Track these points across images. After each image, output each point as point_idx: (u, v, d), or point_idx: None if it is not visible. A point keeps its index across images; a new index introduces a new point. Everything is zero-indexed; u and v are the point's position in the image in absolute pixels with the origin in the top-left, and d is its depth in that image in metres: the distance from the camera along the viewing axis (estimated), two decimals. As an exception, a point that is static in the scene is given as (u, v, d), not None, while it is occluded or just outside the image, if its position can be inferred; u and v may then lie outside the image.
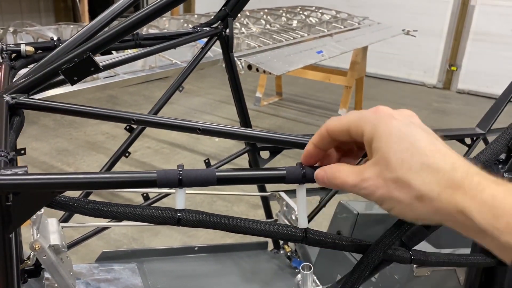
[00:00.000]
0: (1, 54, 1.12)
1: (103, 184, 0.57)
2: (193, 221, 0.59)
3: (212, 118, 6.00)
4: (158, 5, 0.86)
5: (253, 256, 1.83)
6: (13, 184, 0.55)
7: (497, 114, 2.37)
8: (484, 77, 7.48)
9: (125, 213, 0.59)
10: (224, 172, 0.59)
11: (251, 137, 0.77)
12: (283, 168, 0.61)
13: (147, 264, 1.58)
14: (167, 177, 0.58)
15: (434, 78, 7.95)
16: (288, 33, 4.71)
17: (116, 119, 0.80)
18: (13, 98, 0.84)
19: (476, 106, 7.24)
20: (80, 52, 0.83)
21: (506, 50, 7.14)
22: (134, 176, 0.57)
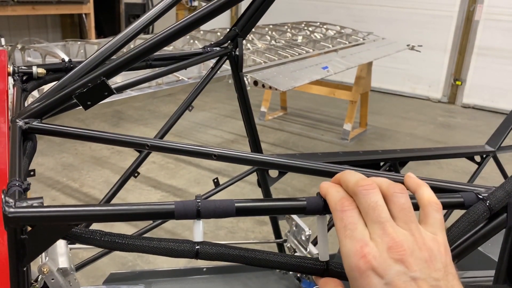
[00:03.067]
0: (13, 76, 1.12)
1: (121, 216, 0.56)
2: (212, 254, 0.58)
3: (217, 132, 6.00)
4: (173, 29, 0.86)
5: (262, 277, 1.80)
6: (29, 217, 0.54)
7: (507, 131, 2.36)
8: (489, 92, 7.47)
9: (142, 246, 0.57)
10: (243, 203, 0.58)
11: (267, 163, 0.76)
12: (303, 199, 0.60)
13: (155, 286, 1.56)
14: (185, 209, 0.56)
15: (439, 92, 7.95)
16: (293, 49, 4.72)
17: (131, 144, 0.79)
18: (26, 123, 0.83)
19: (481, 120, 7.21)
20: (94, 77, 0.83)
21: (510, 65, 7.14)
22: (152, 208, 0.56)
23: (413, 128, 6.63)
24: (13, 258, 0.55)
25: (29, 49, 3.34)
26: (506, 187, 0.62)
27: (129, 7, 7.21)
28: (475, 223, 0.61)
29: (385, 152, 1.97)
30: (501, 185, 0.63)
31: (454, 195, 0.63)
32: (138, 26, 0.94)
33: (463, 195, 0.63)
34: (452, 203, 0.62)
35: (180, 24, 0.87)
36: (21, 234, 0.55)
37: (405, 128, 6.60)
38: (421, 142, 6.05)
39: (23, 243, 0.55)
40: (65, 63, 1.20)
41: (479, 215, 0.61)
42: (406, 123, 6.82)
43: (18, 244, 0.55)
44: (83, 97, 0.83)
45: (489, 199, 0.62)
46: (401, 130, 6.48)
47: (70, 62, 1.21)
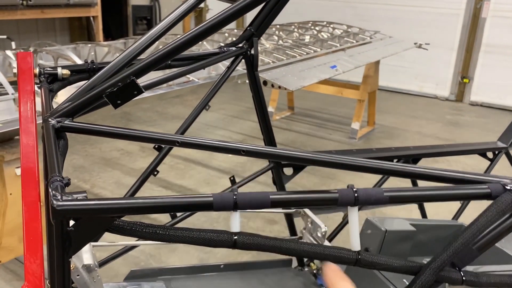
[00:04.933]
0: (39, 77, 1.15)
1: (162, 208, 0.58)
2: (249, 244, 0.60)
3: (225, 133, 6.03)
4: (196, 32, 0.88)
5: (278, 274, 1.82)
6: (75, 209, 0.56)
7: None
8: (497, 89, 7.45)
9: (183, 237, 0.60)
10: (277, 195, 0.60)
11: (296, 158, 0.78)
12: (335, 191, 0.62)
13: (175, 283, 1.59)
14: (223, 201, 0.59)
15: (446, 90, 7.93)
16: (301, 48, 4.74)
17: (161, 141, 0.82)
18: (58, 122, 0.86)
19: (489, 118, 7.19)
20: (123, 77, 0.85)
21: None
22: (192, 200, 0.58)
23: (421, 127, 6.62)
24: (59, 249, 0.58)
25: (41, 52, 3.38)
26: None
27: (136, 9, 7.26)
28: (502, 213, 0.63)
29: (398, 149, 1.99)
30: None
31: (481, 186, 0.65)
32: (160, 29, 0.97)
33: (490, 186, 0.65)
34: (479, 194, 0.64)
35: (200, 28, 0.89)
36: (67, 226, 0.57)
37: (413, 126, 6.60)
38: (429, 140, 6.04)
39: (68, 235, 0.58)
40: (88, 65, 1.23)
41: (507, 205, 0.63)
42: (414, 122, 6.81)
43: (64, 236, 0.57)
44: (113, 96, 0.86)
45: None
46: (409, 129, 6.47)
47: (92, 63, 1.24)
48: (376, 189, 0.60)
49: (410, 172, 0.75)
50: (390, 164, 0.78)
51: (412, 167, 0.75)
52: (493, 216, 0.62)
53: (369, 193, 0.60)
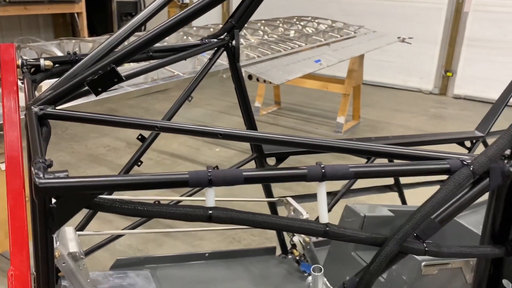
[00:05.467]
0: (22, 68, 1.17)
1: (141, 185, 0.61)
2: (223, 218, 0.63)
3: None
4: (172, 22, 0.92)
5: (262, 262, 1.86)
6: (57, 187, 0.59)
7: (496, 117, 2.44)
8: (480, 82, 7.57)
9: (161, 212, 0.63)
10: (250, 172, 0.63)
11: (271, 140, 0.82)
12: (304, 168, 0.65)
13: (160, 271, 1.61)
14: (198, 177, 0.62)
15: (430, 84, 8.04)
16: (286, 43, 4.78)
17: (141, 126, 0.85)
18: (41, 109, 0.88)
19: (472, 111, 7.31)
20: (104, 65, 0.88)
21: (500, 55, 7.24)
22: (168, 177, 0.61)
23: (406, 120, 6.71)
24: (42, 225, 0.61)
25: (25, 47, 3.37)
26: (488, 153, 0.68)
27: (121, 5, 7.23)
28: (460, 186, 0.67)
29: (378, 138, 2.04)
30: (483, 152, 0.69)
31: (441, 162, 0.69)
32: (138, 21, 1.00)
33: (449, 162, 0.69)
34: (439, 169, 0.68)
35: (178, 17, 0.92)
36: (49, 203, 0.60)
37: (398, 120, 6.68)
38: (414, 134, 6.12)
39: (51, 212, 0.61)
40: (71, 56, 1.26)
41: (464, 179, 0.67)
42: (398, 115, 6.90)
43: (47, 212, 0.60)
44: (94, 84, 0.88)
45: (473, 165, 0.69)
46: (394, 122, 6.56)
47: (75, 54, 1.26)
48: (342, 165, 0.64)
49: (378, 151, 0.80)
50: (359, 143, 0.83)
51: (382, 146, 0.79)
52: (451, 189, 0.67)
53: (335, 169, 0.64)
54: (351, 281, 0.76)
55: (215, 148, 5.70)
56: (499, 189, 0.78)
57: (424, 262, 1.38)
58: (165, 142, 5.49)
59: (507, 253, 0.80)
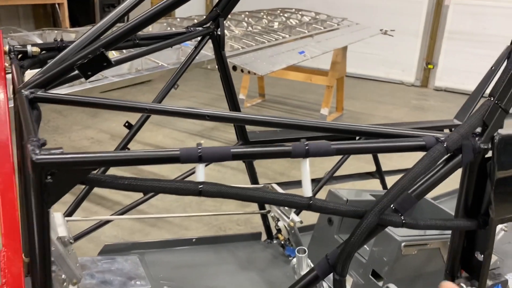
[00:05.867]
0: (9, 54, 1.18)
1: (133, 160, 0.64)
2: (213, 192, 0.66)
3: (195, 120, 6.05)
4: (164, 5, 0.94)
5: (248, 247, 1.91)
6: (52, 162, 0.62)
7: (473, 105, 2.51)
8: (460, 74, 7.71)
9: (154, 187, 0.66)
10: (237, 149, 0.67)
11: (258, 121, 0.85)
12: (289, 145, 0.69)
13: (148, 256, 1.64)
14: (189, 154, 0.65)
15: (412, 76, 8.16)
16: (270, 34, 4.80)
17: (131, 109, 0.87)
18: (32, 92, 0.90)
19: (453, 102, 7.44)
20: (94, 49, 0.90)
21: (479, 48, 7.38)
22: (161, 153, 0.64)
23: (388, 112, 6.82)
24: (39, 200, 0.63)
25: (6, 38, 3.33)
26: (461, 131, 0.73)
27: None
28: (434, 161, 0.71)
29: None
30: (456, 129, 0.74)
31: (417, 139, 0.74)
32: (124, 8, 1.02)
33: (424, 139, 0.74)
34: (415, 146, 0.73)
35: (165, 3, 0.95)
36: (45, 179, 0.63)
37: (380, 111, 6.78)
38: (395, 124, 6.22)
39: (46, 187, 0.63)
40: (58, 43, 1.27)
41: (438, 155, 0.72)
42: (381, 107, 7.00)
43: (43, 187, 0.63)
44: (84, 68, 0.90)
45: (446, 141, 0.73)
46: (377, 114, 6.65)
47: (62, 41, 1.27)
48: (324, 142, 0.68)
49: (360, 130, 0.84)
50: (340, 123, 0.87)
51: (364, 126, 0.83)
52: (426, 164, 0.71)
53: (318, 146, 0.68)
54: (333, 253, 0.81)
55: (200, 140, 5.72)
56: (471, 165, 0.83)
57: (404, 242, 1.43)
58: (150, 134, 5.49)
59: (479, 226, 0.85)
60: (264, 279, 1.74)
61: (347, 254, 0.78)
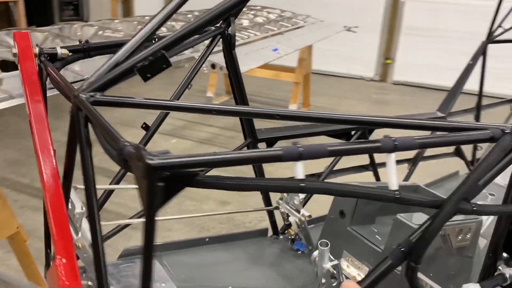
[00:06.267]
0: (40, 57, 1.14)
1: (240, 161, 0.65)
2: (315, 188, 0.69)
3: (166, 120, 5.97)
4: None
5: (257, 243, 1.94)
6: (168, 166, 0.62)
7: (454, 98, 2.66)
8: (417, 69, 8.04)
9: (257, 185, 0.67)
10: (334, 146, 0.69)
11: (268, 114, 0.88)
12: (378, 140, 0.73)
13: (166, 258, 1.63)
14: (290, 152, 0.67)
15: (371, 71, 8.43)
16: (240, 32, 4.81)
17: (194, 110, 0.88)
18: (91, 96, 0.89)
19: (411, 96, 7.77)
20: (154, 51, 0.90)
21: (435, 43, 7.73)
22: (265, 153, 0.66)
23: (352, 106, 7.02)
24: (149, 205, 0.63)
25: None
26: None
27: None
28: (504, 151, 0.77)
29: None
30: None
31: (484, 132, 0.79)
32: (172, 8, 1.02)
33: (492, 131, 0.79)
34: (483, 138, 0.78)
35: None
36: (156, 182, 0.63)
37: (345, 106, 6.97)
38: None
39: (156, 191, 0.63)
40: (84, 45, 1.24)
41: (507, 144, 0.78)
42: (345, 102, 7.19)
43: (153, 191, 0.63)
44: (143, 70, 0.90)
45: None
46: (341, 109, 6.84)
47: (87, 43, 1.25)
48: (410, 137, 0.72)
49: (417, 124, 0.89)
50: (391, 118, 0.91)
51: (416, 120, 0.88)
52: (498, 155, 0.77)
53: (405, 140, 0.72)
54: (407, 241, 0.85)
55: (171, 140, 5.66)
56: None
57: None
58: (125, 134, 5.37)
59: None
60: (278, 273, 1.78)
61: (426, 241, 0.83)
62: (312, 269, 1.84)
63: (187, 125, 5.90)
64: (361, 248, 1.69)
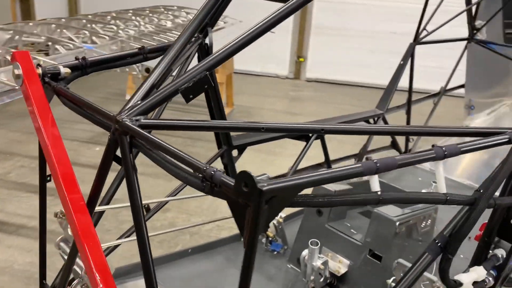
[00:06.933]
0: (44, 78, 1.08)
1: (331, 179, 0.70)
2: (390, 199, 0.76)
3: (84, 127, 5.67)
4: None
5: (235, 248, 1.97)
6: (275, 189, 0.65)
7: (390, 96, 2.90)
8: (327, 66, 8.50)
9: (345, 200, 0.72)
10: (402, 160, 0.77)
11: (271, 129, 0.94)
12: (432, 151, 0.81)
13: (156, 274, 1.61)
14: (369, 167, 0.73)
15: (285, 69, 8.74)
16: (166, 33, 4.74)
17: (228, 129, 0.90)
18: (137, 120, 0.87)
19: (324, 92, 8.20)
20: (198, 72, 0.91)
21: (342, 41, 8.24)
22: (347, 171, 0.71)
23: (272, 104, 7.24)
24: (254, 227, 0.66)
25: None
26: None
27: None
28: None
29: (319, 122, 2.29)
30: None
31: (502, 136, 0.92)
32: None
33: (508, 134, 0.92)
34: (501, 142, 0.91)
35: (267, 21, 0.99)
36: (264, 205, 0.65)
37: (266, 104, 7.16)
38: (283, 116, 6.67)
39: (264, 213, 0.66)
40: (80, 62, 1.19)
41: None
42: (265, 100, 7.38)
43: (262, 214, 0.65)
44: (187, 92, 0.90)
45: None
46: (263, 107, 7.02)
47: (84, 59, 1.20)
48: (453, 145, 0.82)
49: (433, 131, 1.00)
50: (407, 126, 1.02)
51: (431, 128, 1.00)
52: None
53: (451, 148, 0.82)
54: (442, 237, 0.95)
55: (94, 148, 5.38)
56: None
57: (398, 222, 1.66)
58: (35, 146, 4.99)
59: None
60: (261, 274, 1.84)
61: (462, 235, 0.94)
62: (290, 268, 1.92)
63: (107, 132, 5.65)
64: (340, 243, 1.80)
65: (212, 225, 3.72)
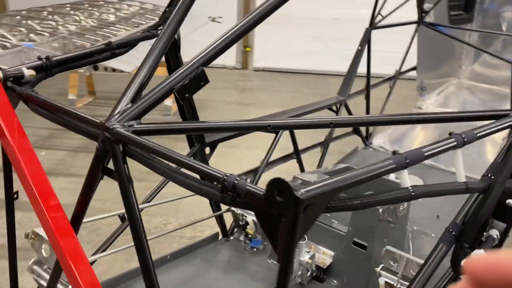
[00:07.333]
0: (5, 82, 0.94)
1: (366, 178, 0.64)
2: (421, 193, 0.71)
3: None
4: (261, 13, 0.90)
5: (213, 249, 1.90)
6: (313, 196, 0.58)
7: (350, 82, 2.90)
8: (273, 55, 8.49)
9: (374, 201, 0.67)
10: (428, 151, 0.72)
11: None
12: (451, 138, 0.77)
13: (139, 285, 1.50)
14: (400, 162, 0.68)
15: (233, 60, 8.63)
16: (110, 28, 4.49)
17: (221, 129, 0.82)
18: (130, 126, 0.77)
19: (272, 81, 8.20)
20: (193, 68, 0.82)
21: (288, 30, 8.24)
22: (381, 168, 0.66)
23: (223, 95, 7.13)
24: (291, 235, 0.59)
25: None
26: None
27: None
28: None
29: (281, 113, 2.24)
30: None
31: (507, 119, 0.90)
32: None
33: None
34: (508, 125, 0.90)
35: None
36: (301, 213, 0.58)
37: (216, 96, 7.03)
38: (234, 107, 6.60)
39: (301, 221, 0.59)
40: (45, 62, 1.06)
41: None
42: (215, 92, 7.24)
43: (299, 220, 0.58)
44: (182, 90, 0.81)
45: None
46: (214, 99, 6.89)
47: (48, 59, 1.06)
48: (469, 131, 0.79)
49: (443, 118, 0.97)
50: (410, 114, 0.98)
51: (440, 114, 0.97)
52: None
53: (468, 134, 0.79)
54: (455, 225, 0.92)
55: (39, 153, 5.05)
56: None
57: (381, 209, 1.65)
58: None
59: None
60: (244, 273, 1.78)
61: (477, 223, 0.91)
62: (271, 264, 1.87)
63: (54, 134, 5.33)
64: (324, 234, 1.77)
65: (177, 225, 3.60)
